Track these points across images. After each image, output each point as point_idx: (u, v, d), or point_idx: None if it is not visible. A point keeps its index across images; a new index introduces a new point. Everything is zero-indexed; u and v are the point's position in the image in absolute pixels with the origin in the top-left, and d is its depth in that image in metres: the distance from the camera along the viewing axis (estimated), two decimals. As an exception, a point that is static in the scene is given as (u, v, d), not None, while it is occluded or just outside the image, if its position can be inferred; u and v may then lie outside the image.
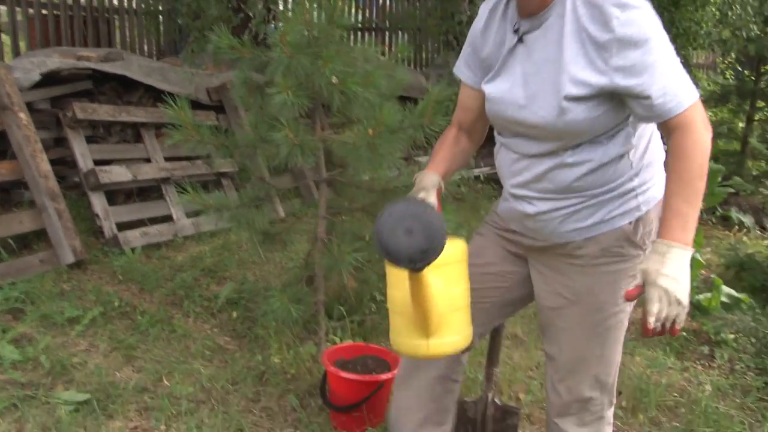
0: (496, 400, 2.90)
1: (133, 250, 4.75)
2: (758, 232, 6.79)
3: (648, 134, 1.94)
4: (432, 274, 1.61)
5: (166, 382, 3.33)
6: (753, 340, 4.05)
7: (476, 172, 7.49)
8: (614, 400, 2.20)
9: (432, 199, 1.98)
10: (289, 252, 5.04)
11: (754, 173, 7.62)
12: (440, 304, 1.70)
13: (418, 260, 1.49)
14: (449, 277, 1.80)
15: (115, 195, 5.29)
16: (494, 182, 7.18)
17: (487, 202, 6.77)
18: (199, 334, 3.87)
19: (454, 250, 1.87)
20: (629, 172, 1.90)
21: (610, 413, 2.20)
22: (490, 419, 2.92)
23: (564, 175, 1.89)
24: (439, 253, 1.51)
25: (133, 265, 4.56)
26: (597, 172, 1.87)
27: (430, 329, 1.72)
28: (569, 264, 2.01)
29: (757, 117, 7.89)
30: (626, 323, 2.09)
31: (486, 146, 2.32)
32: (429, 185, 1.99)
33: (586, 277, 2.00)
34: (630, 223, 1.94)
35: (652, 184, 1.96)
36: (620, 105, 1.74)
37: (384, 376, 3.04)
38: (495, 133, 2.11)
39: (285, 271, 4.78)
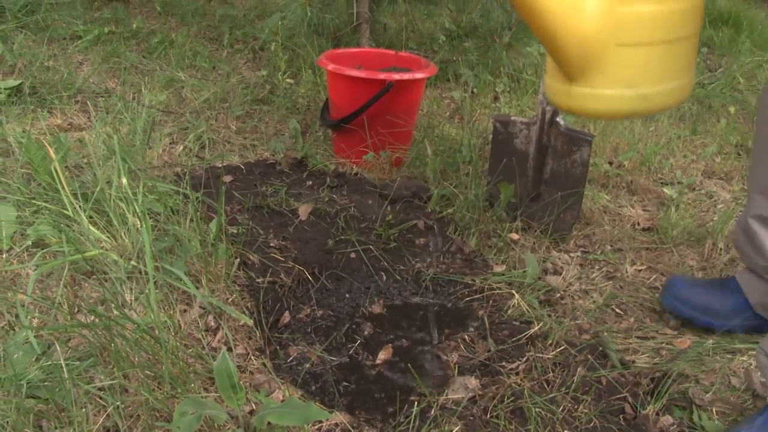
0: (559, 121, 1.81)
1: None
2: None
3: None
4: None
5: (143, 91, 2.58)
6: None
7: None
8: None
9: None
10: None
11: None
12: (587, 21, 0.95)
13: None
14: None
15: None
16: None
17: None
18: (222, 62, 3.06)
19: None
20: None
21: None
22: (551, 149, 1.85)
23: None
24: None
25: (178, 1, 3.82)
26: None
27: (571, 66, 1.00)
28: None
29: None
30: None
31: None
32: None
33: None
34: None
35: None
36: None
37: (392, 75, 2.03)
38: None
39: None
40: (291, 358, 1.35)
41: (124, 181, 1.57)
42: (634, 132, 2.69)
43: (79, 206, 1.52)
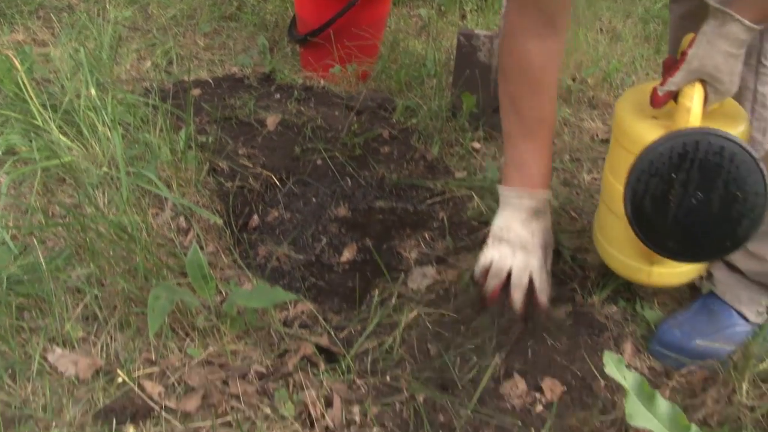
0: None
1: None
2: None
3: None
4: None
5: (108, 8, 2.54)
6: None
7: None
8: None
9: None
10: None
11: None
12: None
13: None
14: None
15: None
16: None
17: None
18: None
19: None
20: None
21: None
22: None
23: None
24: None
25: None
26: None
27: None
28: None
29: None
30: None
31: None
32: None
33: None
34: None
35: None
36: None
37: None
38: None
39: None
40: (260, 257, 1.42)
41: (93, 91, 1.60)
42: (598, 50, 2.73)
43: (49, 116, 1.55)
